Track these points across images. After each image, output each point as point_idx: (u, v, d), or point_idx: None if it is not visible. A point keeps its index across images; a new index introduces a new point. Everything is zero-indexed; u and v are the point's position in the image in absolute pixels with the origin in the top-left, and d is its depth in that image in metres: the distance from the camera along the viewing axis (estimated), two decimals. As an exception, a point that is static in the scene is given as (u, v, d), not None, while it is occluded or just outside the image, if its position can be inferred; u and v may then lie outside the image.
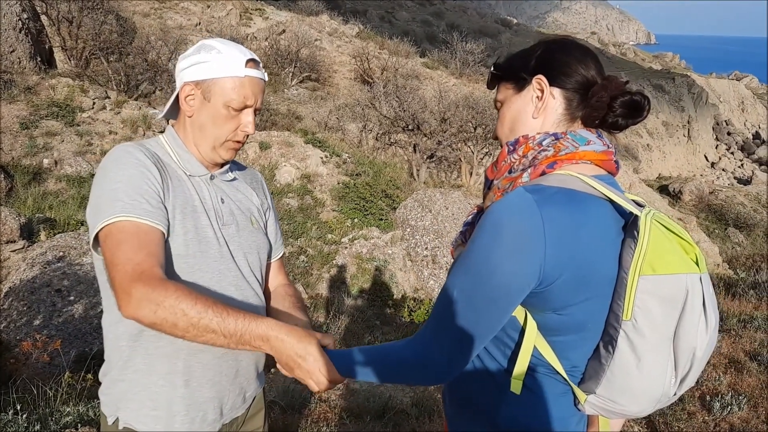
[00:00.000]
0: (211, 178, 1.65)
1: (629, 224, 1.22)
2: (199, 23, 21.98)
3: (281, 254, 1.91)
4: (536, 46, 1.35)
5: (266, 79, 1.65)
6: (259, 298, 1.68)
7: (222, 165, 1.68)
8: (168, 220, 1.48)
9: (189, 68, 1.56)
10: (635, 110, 1.27)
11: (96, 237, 1.43)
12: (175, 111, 1.66)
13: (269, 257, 1.83)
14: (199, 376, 1.57)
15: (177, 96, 1.61)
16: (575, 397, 1.32)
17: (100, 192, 1.44)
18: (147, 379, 1.54)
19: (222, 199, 1.65)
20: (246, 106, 1.58)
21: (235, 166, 1.80)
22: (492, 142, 14.85)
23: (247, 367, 1.68)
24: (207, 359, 1.57)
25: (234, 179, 1.74)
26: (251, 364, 1.70)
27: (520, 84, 1.34)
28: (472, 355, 1.25)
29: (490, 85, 1.45)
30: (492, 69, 1.43)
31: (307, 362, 1.36)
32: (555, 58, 1.31)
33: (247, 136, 1.63)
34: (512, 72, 1.37)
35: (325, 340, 1.42)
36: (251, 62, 1.58)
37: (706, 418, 3.85)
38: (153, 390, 1.54)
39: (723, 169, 41.89)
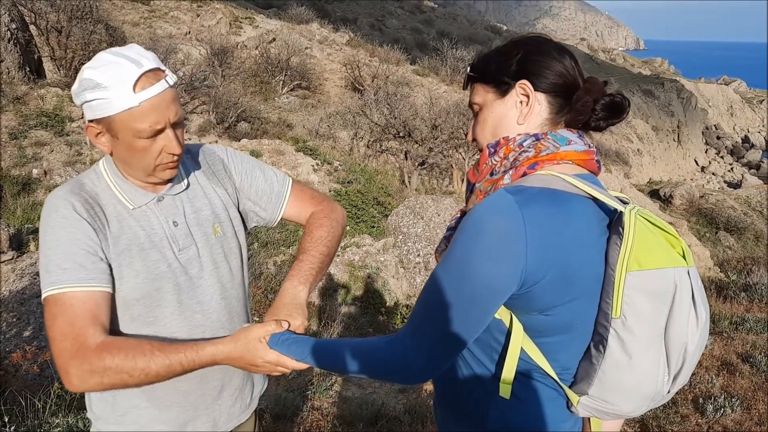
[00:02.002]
0: (159, 200, 1.51)
1: (614, 221, 1.21)
2: (189, 32, 21.98)
3: (289, 188, 1.75)
4: (513, 48, 1.32)
5: (171, 83, 1.42)
6: (236, 311, 1.63)
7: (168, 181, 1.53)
8: (110, 273, 1.41)
9: (83, 106, 1.39)
10: (617, 111, 1.28)
11: None
12: None
13: (276, 215, 1.74)
14: (182, 401, 1.56)
15: None
16: (568, 399, 1.30)
17: (40, 258, 1.39)
18: (128, 402, 1.53)
19: (175, 221, 1.52)
20: (159, 131, 1.40)
21: (188, 156, 1.62)
22: (483, 149, 14.86)
23: (231, 380, 1.65)
24: (186, 386, 1.54)
25: (188, 187, 1.58)
26: (236, 376, 1.67)
27: (503, 89, 1.31)
28: (452, 357, 1.24)
29: (466, 85, 1.42)
30: (468, 71, 1.39)
31: (261, 366, 1.39)
32: (536, 61, 1.28)
33: (177, 155, 1.45)
34: (492, 75, 1.33)
35: (262, 331, 1.38)
36: (144, 78, 1.36)
37: (700, 420, 3.85)
38: (136, 413, 1.53)
39: (713, 173, 42.18)
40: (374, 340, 1.33)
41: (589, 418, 1.40)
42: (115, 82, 1.34)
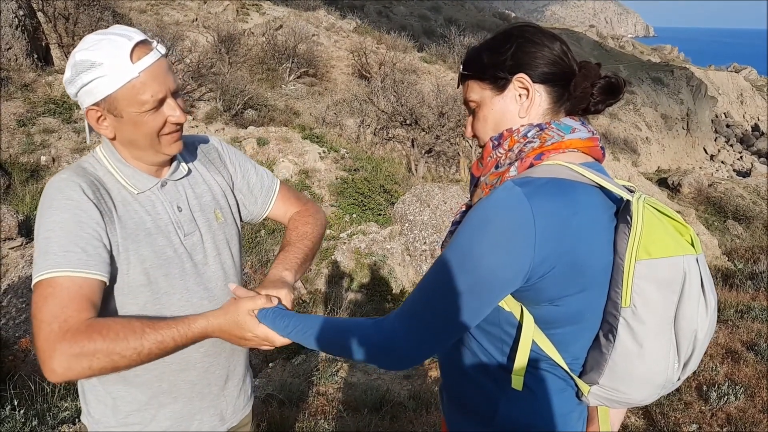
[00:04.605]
0: (163, 185, 1.51)
1: (621, 210, 1.22)
2: (196, 19, 21.92)
3: (277, 185, 1.78)
4: (505, 41, 1.31)
5: (163, 52, 1.41)
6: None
7: (172, 161, 1.54)
8: (110, 263, 1.37)
9: (79, 93, 1.37)
10: (613, 92, 1.28)
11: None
12: None
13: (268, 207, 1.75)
14: (188, 391, 1.55)
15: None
16: (578, 389, 1.31)
17: (36, 241, 1.34)
18: (129, 405, 1.51)
19: (179, 206, 1.51)
20: (161, 100, 1.39)
21: (186, 147, 1.59)
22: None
23: (235, 369, 1.67)
24: (192, 376, 1.54)
25: (189, 173, 1.58)
26: (239, 365, 1.68)
27: (500, 84, 1.30)
28: (443, 345, 1.24)
29: (460, 83, 1.40)
30: (461, 69, 1.37)
31: (250, 340, 1.39)
32: (530, 53, 1.27)
33: (180, 124, 1.45)
34: (487, 71, 1.31)
35: (251, 304, 1.38)
36: (138, 49, 1.35)
37: (703, 408, 3.86)
38: (139, 414, 1.52)
39: (722, 162, 41.82)
40: (361, 319, 1.32)
41: (596, 414, 1.41)
42: (110, 57, 1.32)
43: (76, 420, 3.35)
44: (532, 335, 1.23)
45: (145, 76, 1.35)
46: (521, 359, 1.24)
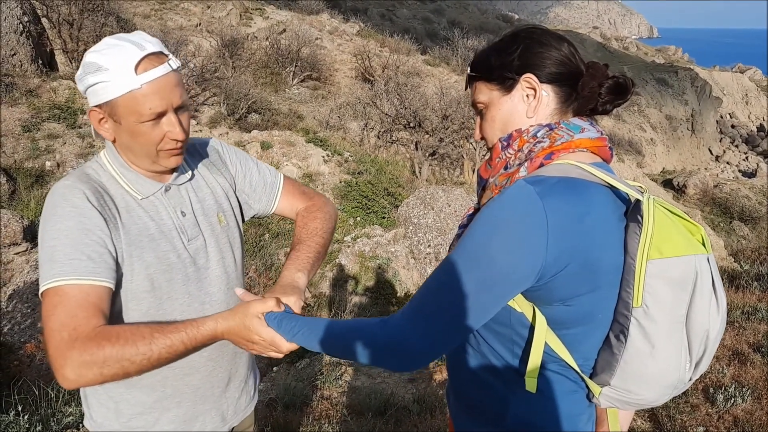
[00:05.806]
0: (166, 190, 1.50)
1: (631, 210, 1.21)
2: (200, 24, 22.00)
3: (281, 181, 1.77)
4: (512, 42, 1.32)
5: (175, 67, 1.40)
6: (239, 301, 1.59)
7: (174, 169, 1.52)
8: (116, 269, 1.37)
9: (87, 92, 1.38)
10: (621, 92, 1.28)
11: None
12: None
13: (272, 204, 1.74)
14: (191, 395, 1.55)
15: None
16: (589, 390, 1.30)
17: (40, 249, 1.34)
18: (132, 409, 1.51)
19: (182, 211, 1.51)
20: (161, 114, 1.38)
21: (187, 150, 1.58)
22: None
23: (237, 371, 1.66)
24: (196, 380, 1.54)
25: (192, 177, 1.58)
26: (241, 366, 1.68)
27: (507, 84, 1.31)
28: (450, 345, 1.23)
29: (468, 85, 1.41)
30: (469, 71, 1.38)
31: (256, 343, 1.37)
32: (537, 53, 1.28)
33: (181, 141, 1.44)
34: (494, 72, 1.32)
35: (260, 307, 1.36)
36: (147, 60, 1.35)
37: (710, 410, 3.83)
38: (143, 417, 1.51)
39: (727, 163, 41.70)
40: (367, 319, 1.31)
41: (605, 415, 1.40)
42: (116, 65, 1.32)
43: (80, 425, 3.35)
44: (544, 336, 1.23)
45: (148, 88, 1.34)
46: (534, 361, 1.24)
